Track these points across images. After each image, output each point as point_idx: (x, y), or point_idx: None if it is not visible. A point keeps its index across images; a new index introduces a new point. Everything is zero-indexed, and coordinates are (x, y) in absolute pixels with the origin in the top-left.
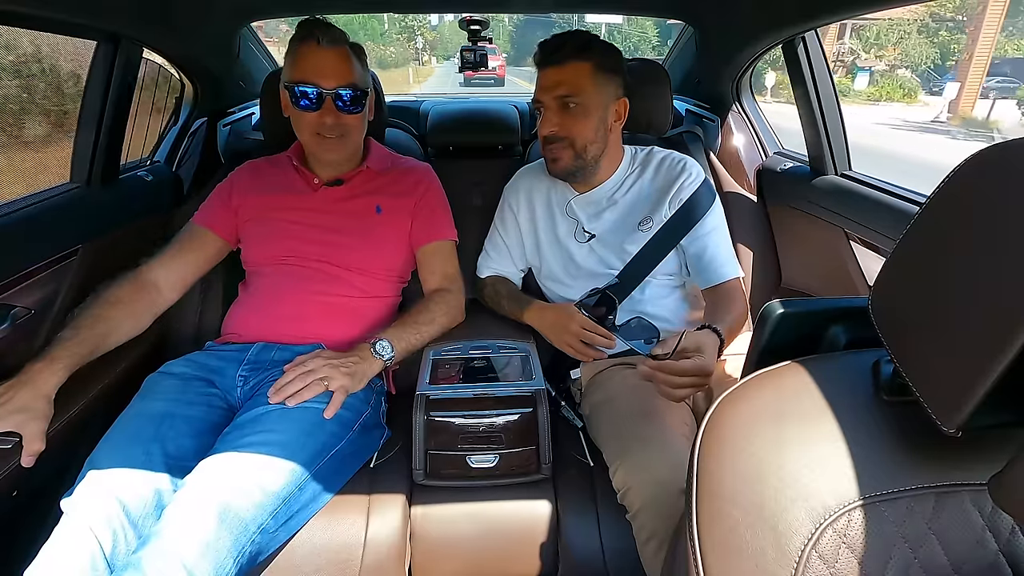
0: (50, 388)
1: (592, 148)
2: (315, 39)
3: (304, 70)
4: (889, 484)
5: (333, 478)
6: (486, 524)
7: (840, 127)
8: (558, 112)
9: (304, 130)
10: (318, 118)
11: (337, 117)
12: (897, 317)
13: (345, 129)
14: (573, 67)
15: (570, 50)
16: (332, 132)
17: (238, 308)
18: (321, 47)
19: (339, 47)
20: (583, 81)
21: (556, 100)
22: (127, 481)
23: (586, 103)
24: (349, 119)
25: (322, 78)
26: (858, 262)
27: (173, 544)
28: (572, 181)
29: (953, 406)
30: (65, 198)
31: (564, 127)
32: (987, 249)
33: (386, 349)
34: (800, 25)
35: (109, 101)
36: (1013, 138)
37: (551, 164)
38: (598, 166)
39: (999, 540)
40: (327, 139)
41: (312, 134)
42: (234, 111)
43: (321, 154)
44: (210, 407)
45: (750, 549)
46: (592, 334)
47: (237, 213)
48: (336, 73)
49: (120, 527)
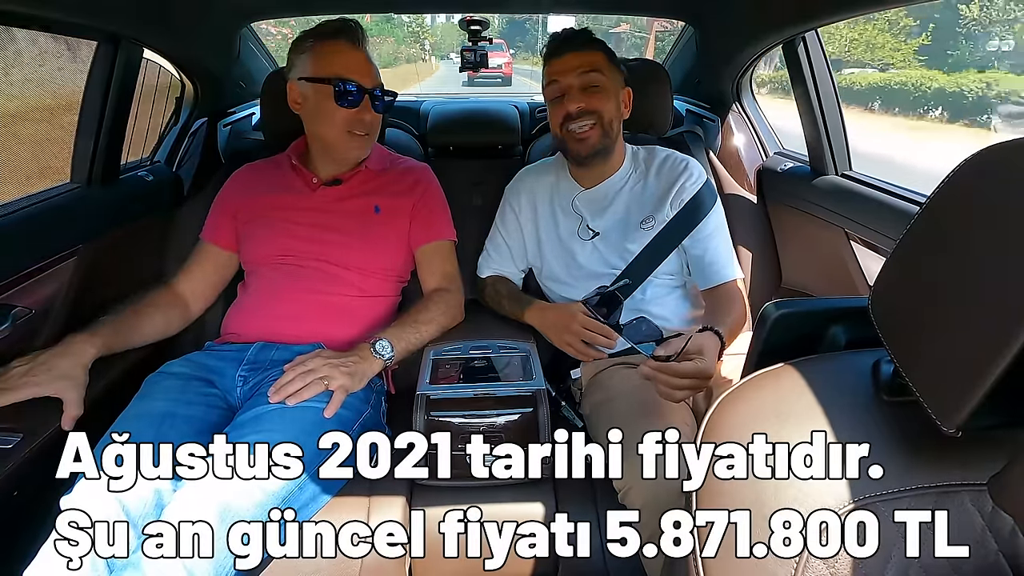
0: (88, 358)
1: (615, 124)
2: (352, 39)
3: (345, 67)
4: (889, 484)
5: (333, 478)
6: (486, 524)
7: (840, 127)
8: (581, 90)
9: (335, 126)
10: (356, 115)
11: (374, 115)
12: (897, 317)
13: (374, 127)
14: (591, 53)
15: (585, 39)
16: (363, 129)
17: (237, 308)
18: (356, 46)
19: (364, 48)
20: (602, 64)
21: (580, 79)
22: (127, 481)
23: (605, 84)
24: (378, 118)
25: (363, 76)
26: (858, 262)
27: (172, 544)
28: (592, 164)
29: (953, 406)
30: (65, 198)
31: (590, 103)
32: (987, 249)
33: (386, 349)
34: (800, 25)
35: (109, 101)
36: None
37: (578, 144)
38: (614, 151)
39: (999, 540)
40: (357, 136)
41: (343, 131)
42: (234, 111)
43: (347, 151)
44: (210, 407)
45: (750, 549)
46: (593, 334)
47: (236, 217)
48: (372, 73)
49: (120, 527)
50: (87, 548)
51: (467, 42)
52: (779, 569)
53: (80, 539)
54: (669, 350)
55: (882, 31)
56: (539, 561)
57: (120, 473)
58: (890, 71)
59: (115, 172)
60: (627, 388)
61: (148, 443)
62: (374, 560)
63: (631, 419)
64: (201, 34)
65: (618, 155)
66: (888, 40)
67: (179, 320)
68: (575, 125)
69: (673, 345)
